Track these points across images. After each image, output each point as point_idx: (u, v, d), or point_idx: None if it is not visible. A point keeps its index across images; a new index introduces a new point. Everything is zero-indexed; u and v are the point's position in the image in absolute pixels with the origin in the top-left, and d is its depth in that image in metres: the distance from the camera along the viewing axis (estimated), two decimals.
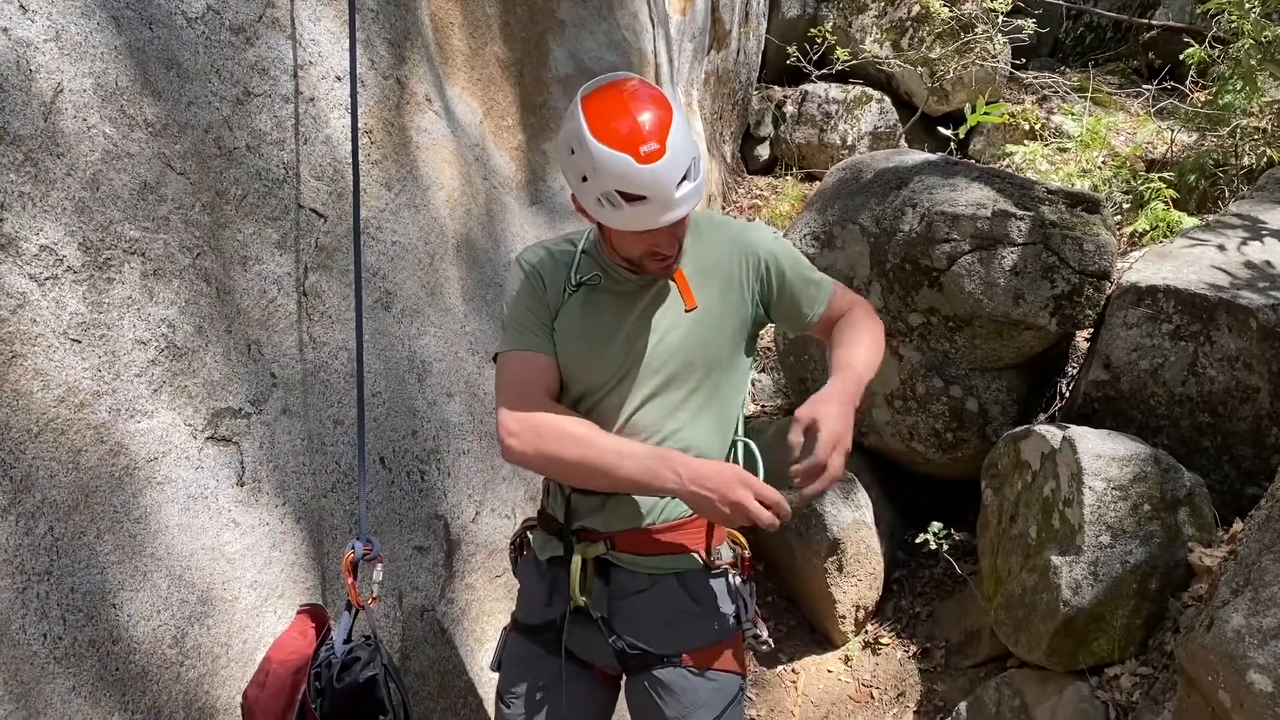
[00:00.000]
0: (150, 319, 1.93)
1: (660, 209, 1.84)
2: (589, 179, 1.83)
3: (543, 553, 2.20)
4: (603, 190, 1.82)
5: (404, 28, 2.78)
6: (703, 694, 2.12)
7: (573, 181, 1.90)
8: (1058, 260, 3.79)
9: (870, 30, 8.39)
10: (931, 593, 4.29)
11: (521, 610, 2.27)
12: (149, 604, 1.89)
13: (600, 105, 1.83)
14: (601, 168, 1.80)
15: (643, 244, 1.94)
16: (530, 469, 2.08)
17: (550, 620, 2.17)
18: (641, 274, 2.05)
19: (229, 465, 2.10)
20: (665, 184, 1.81)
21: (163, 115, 1.99)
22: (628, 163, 1.78)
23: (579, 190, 1.90)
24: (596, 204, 1.86)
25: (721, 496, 1.88)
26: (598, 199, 1.85)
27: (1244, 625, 2.51)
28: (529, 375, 2.04)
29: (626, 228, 1.89)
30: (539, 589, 2.20)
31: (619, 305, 2.07)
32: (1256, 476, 3.37)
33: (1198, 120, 6.81)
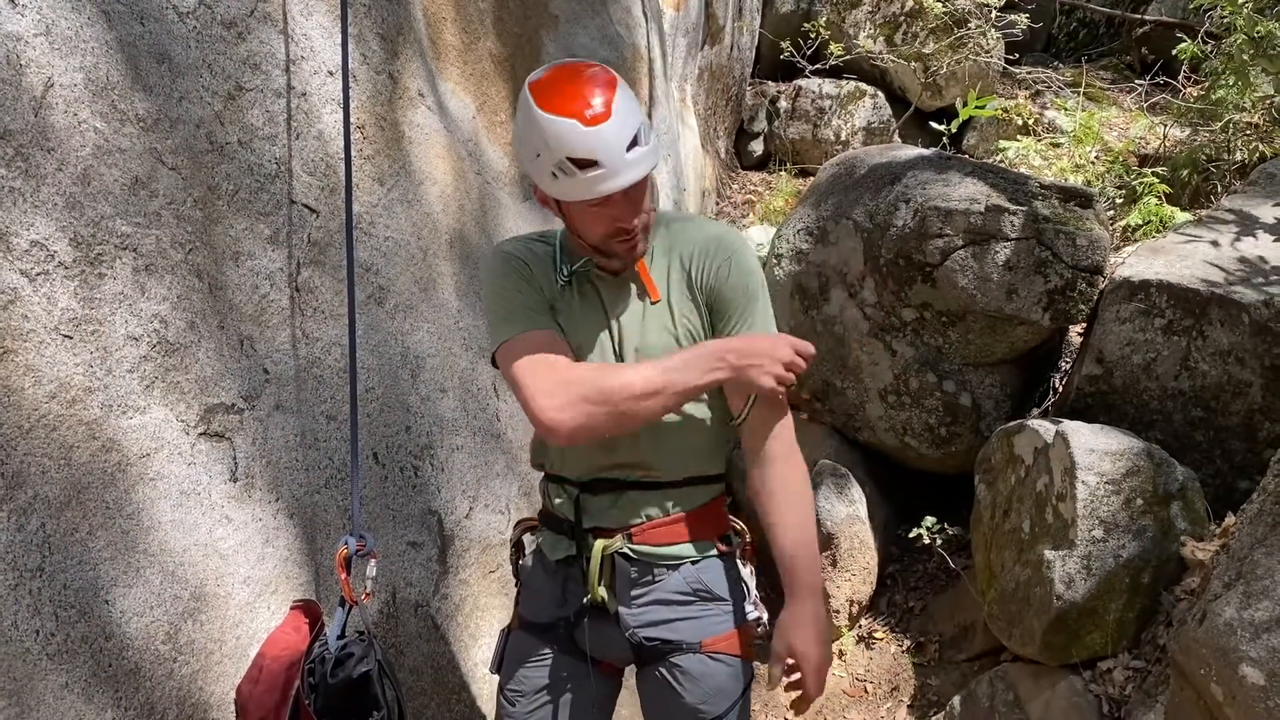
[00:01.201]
0: (142, 315, 1.93)
1: (612, 174, 1.85)
2: (541, 154, 1.85)
3: (554, 553, 2.16)
4: (555, 161, 1.83)
5: (397, 22, 2.77)
6: (722, 679, 2.13)
7: (529, 166, 1.92)
8: (1051, 255, 3.79)
9: (864, 25, 8.39)
10: (925, 587, 4.30)
11: (528, 609, 2.23)
12: (142, 600, 1.88)
13: (544, 82, 1.87)
14: (550, 136, 1.81)
15: (605, 221, 1.93)
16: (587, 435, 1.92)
17: (562, 618, 2.14)
18: (610, 262, 2.03)
19: (222, 461, 2.10)
20: (614, 146, 1.83)
21: (154, 110, 1.98)
22: (573, 126, 1.81)
23: (534, 171, 1.90)
24: (551, 179, 1.86)
25: (774, 360, 1.92)
26: (552, 173, 1.85)
27: (1236, 618, 2.52)
28: (543, 349, 1.96)
29: (582, 197, 1.88)
30: (549, 588, 2.17)
31: (596, 302, 2.07)
32: (1248, 470, 3.38)
33: (1190, 115, 6.83)
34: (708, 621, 2.14)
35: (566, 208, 1.95)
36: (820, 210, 4.55)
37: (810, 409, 4.70)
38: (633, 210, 1.94)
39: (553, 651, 2.17)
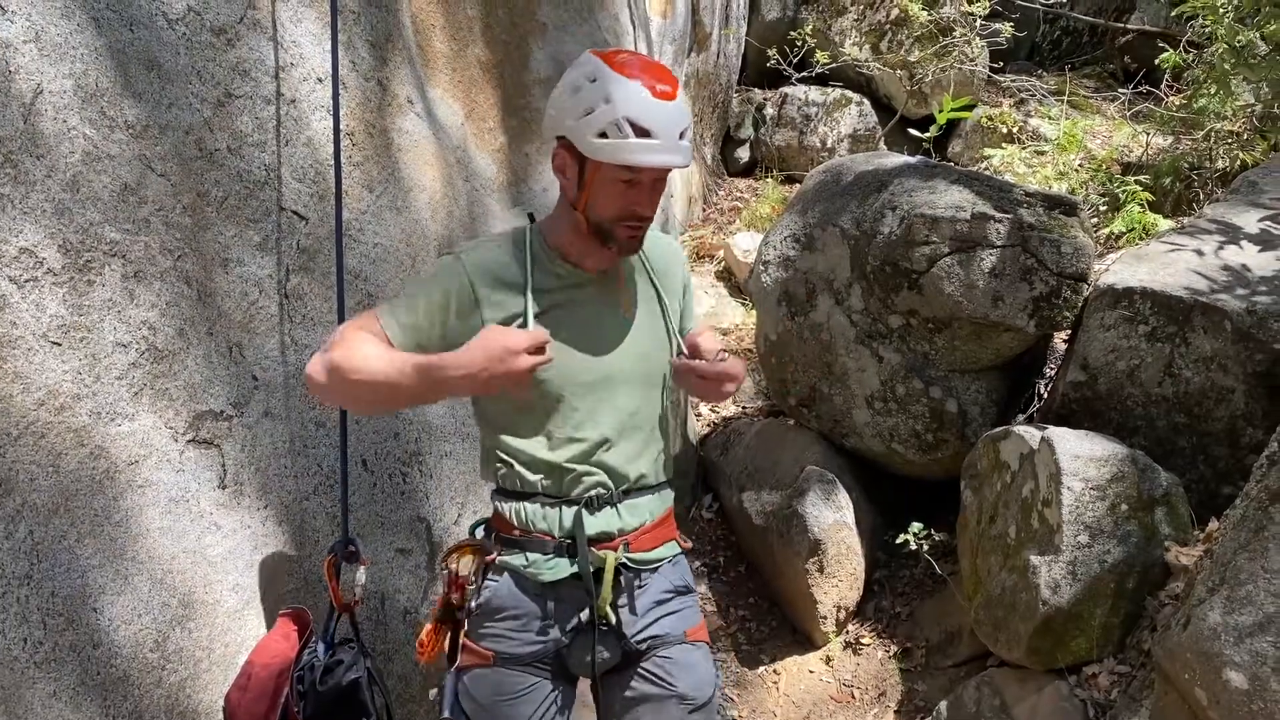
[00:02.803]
0: (131, 321, 1.92)
1: (663, 150, 1.88)
2: (595, 111, 1.86)
3: (548, 574, 2.07)
4: (610, 119, 1.84)
5: (386, 30, 2.78)
6: (705, 665, 2.20)
7: (569, 124, 1.90)
8: (1036, 262, 3.82)
9: (849, 33, 8.43)
10: (912, 593, 4.32)
11: (503, 642, 2.08)
12: (130, 608, 1.88)
13: (614, 53, 1.93)
14: (617, 96, 1.84)
15: (624, 202, 1.95)
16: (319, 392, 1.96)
17: (549, 642, 2.08)
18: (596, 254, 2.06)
19: (210, 468, 2.09)
20: (672, 126, 1.88)
21: (143, 117, 1.98)
22: (643, 93, 1.85)
23: (575, 130, 1.89)
24: (596, 138, 1.87)
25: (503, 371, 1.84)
26: (602, 131, 1.86)
27: (1220, 623, 2.54)
28: (374, 339, 1.94)
29: (626, 159, 1.88)
30: (531, 614, 2.08)
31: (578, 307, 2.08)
32: (1231, 476, 3.41)
33: (1173, 124, 6.89)
34: (686, 614, 2.22)
35: (590, 178, 1.94)
36: (807, 217, 4.57)
37: (797, 415, 4.71)
38: (653, 201, 1.99)
39: (539, 680, 2.08)
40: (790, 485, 4.39)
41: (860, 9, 8.45)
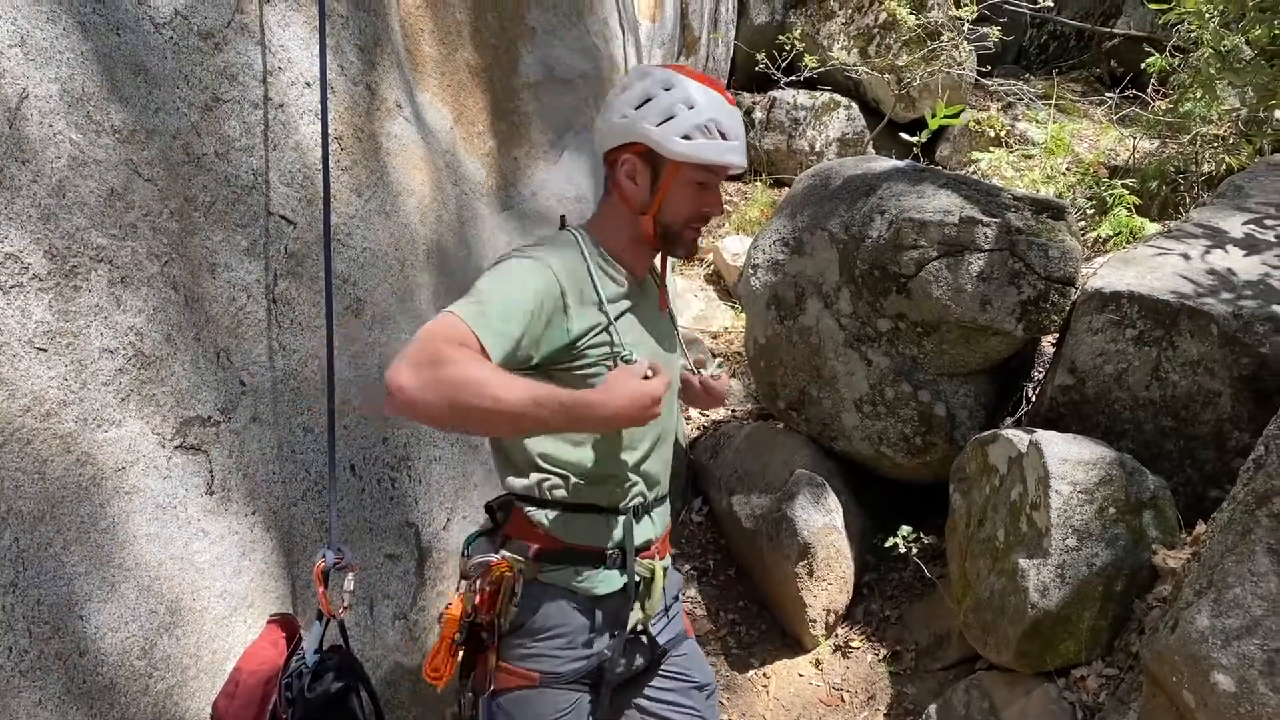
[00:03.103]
0: (118, 327, 1.91)
1: (739, 152, 2.02)
2: (678, 116, 1.96)
3: (601, 587, 2.04)
4: (698, 122, 1.96)
5: (374, 34, 2.77)
6: (702, 654, 2.35)
7: (647, 129, 1.97)
8: (1024, 266, 3.83)
9: (838, 37, 8.45)
10: (901, 596, 4.32)
11: (548, 660, 2.02)
12: (117, 615, 1.87)
13: (676, 66, 2.04)
14: (700, 102, 1.97)
15: (699, 203, 2.05)
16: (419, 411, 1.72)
17: (589, 660, 2.05)
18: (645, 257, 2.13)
19: (198, 474, 2.08)
20: (742, 130, 2.04)
21: (130, 121, 1.97)
22: (720, 99, 2.00)
23: (660, 132, 1.96)
24: (682, 140, 1.95)
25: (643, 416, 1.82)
26: (686, 134, 1.95)
27: (1208, 626, 2.55)
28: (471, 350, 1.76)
29: (714, 159, 1.98)
30: (578, 630, 2.05)
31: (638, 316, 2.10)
32: (1218, 479, 3.42)
33: (1159, 128, 6.92)
34: (680, 613, 2.32)
35: (667, 181, 2.01)
36: (796, 221, 4.57)
37: (786, 418, 4.71)
38: (721, 201, 2.10)
39: (580, 695, 2.05)
40: (779, 489, 4.39)
41: (848, 13, 8.47)
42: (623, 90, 2.03)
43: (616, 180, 2.05)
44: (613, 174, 2.06)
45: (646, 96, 1.98)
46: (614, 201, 2.08)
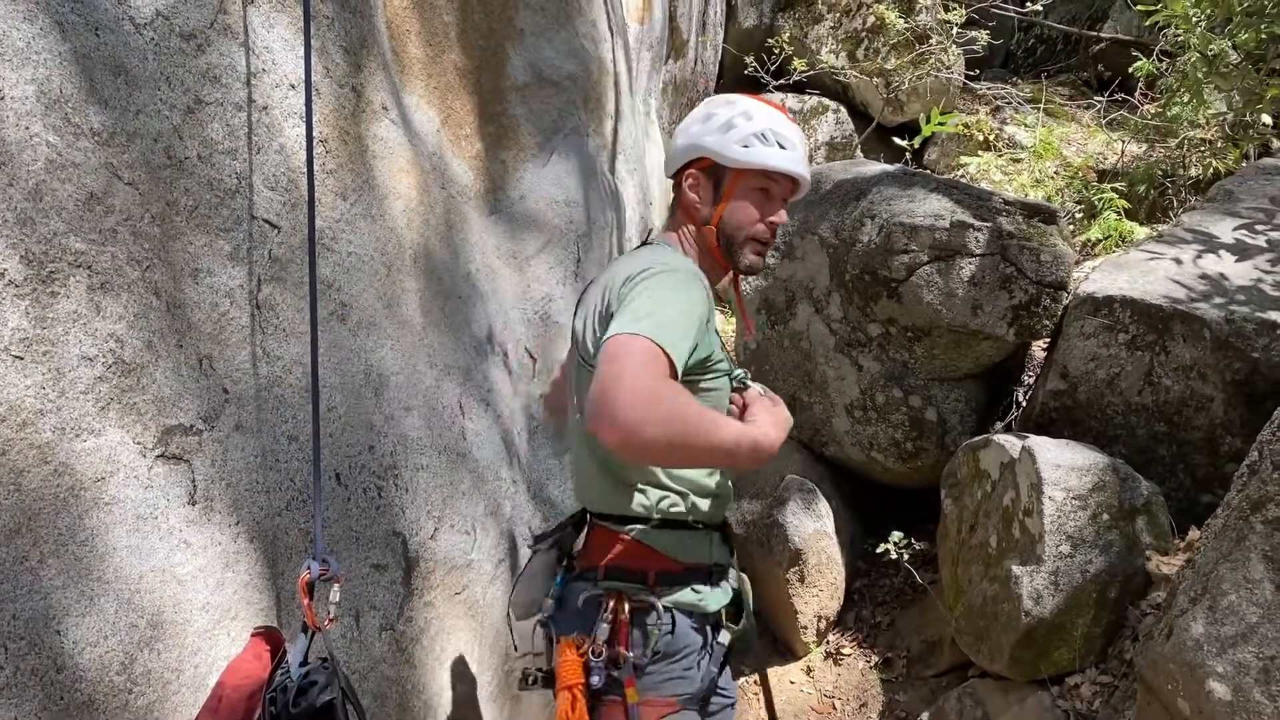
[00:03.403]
0: (97, 334, 1.87)
1: (799, 162, 2.07)
2: (737, 126, 2.03)
3: (714, 603, 2.06)
4: (755, 130, 2.02)
5: (360, 35, 2.73)
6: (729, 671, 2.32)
7: (708, 140, 2.04)
8: (1015, 271, 3.82)
9: (826, 41, 8.44)
10: (892, 602, 4.30)
11: (684, 684, 2.02)
12: (95, 629, 1.82)
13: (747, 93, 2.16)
14: (756, 113, 2.04)
15: (761, 212, 2.07)
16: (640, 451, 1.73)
17: (706, 675, 2.07)
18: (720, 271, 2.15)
19: (180, 484, 2.03)
20: (802, 144, 2.09)
21: (110, 124, 1.93)
22: (777, 113, 2.08)
23: (721, 142, 2.03)
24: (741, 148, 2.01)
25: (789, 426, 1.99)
26: (749, 138, 2.02)
27: (1203, 634, 2.54)
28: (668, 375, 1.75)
29: (772, 165, 2.04)
30: (697, 647, 2.05)
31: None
32: (1211, 485, 3.41)
33: (1147, 131, 6.94)
34: None
35: (729, 189, 2.05)
36: (786, 225, 4.55)
37: None
38: (785, 215, 2.13)
39: (696, 711, 2.07)
40: (770, 494, 4.36)
41: (837, 16, 8.46)
42: (687, 119, 2.13)
43: (682, 196, 2.10)
44: (679, 194, 2.12)
45: (708, 115, 2.08)
46: (679, 219, 2.14)
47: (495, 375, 3.22)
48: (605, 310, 1.94)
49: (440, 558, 2.79)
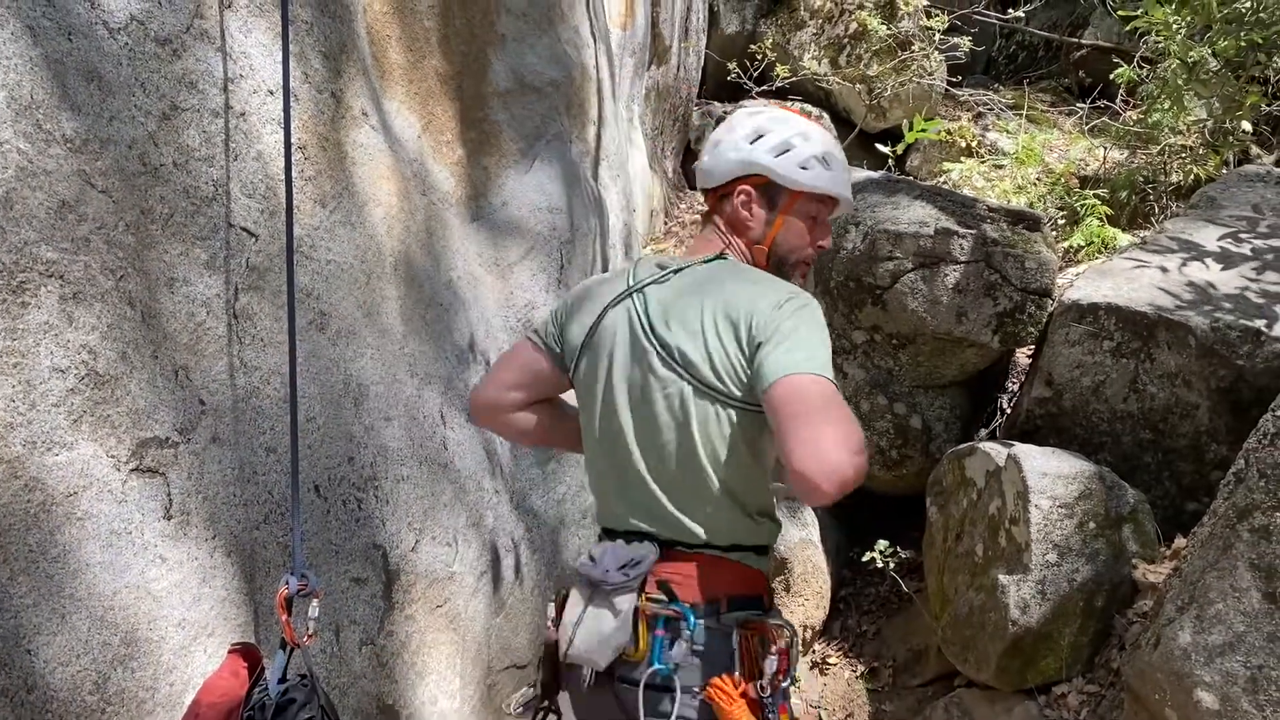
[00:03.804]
0: (69, 345, 1.83)
1: (849, 186, 2.09)
2: (796, 147, 1.99)
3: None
4: (814, 153, 1.99)
5: (339, 41, 2.70)
6: None
7: (766, 160, 1.98)
8: (1000, 278, 3.81)
9: (809, 47, 8.45)
10: (878, 611, 4.29)
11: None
12: (68, 648, 1.78)
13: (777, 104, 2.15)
14: (813, 135, 2.02)
15: (812, 235, 2.06)
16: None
17: None
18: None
19: (155, 498, 1.99)
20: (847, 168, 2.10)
21: (83, 130, 1.89)
22: (829, 136, 2.07)
23: (781, 163, 1.98)
24: (801, 170, 1.98)
25: None
26: (808, 161, 1.99)
27: (1190, 643, 2.52)
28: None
29: (829, 189, 2.03)
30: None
31: None
32: (1196, 492, 3.41)
33: (1128, 138, 6.96)
34: None
35: (784, 211, 2.02)
36: None
37: None
38: (830, 239, 2.12)
39: None
40: None
41: (819, 23, 8.47)
42: (731, 129, 2.06)
43: (732, 212, 2.04)
44: (723, 206, 2.06)
45: (760, 131, 2.02)
46: (723, 234, 2.06)
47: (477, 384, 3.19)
48: (749, 338, 1.82)
49: (421, 570, 2.76)
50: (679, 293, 1.96)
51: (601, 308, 2.02)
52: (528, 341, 2.16)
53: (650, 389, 1.91)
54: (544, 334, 2.13)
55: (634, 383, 1.94)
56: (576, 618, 1.89)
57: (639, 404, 1.94)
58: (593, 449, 2.06)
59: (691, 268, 2.00)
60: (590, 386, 2.02)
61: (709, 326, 1.87)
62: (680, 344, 1.89)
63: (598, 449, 2.04)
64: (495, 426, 2.30)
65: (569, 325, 2.08)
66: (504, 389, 2.15)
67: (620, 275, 2.10)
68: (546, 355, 2.11)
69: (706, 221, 2.13)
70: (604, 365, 1.99)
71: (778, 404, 1.72)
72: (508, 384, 2.15)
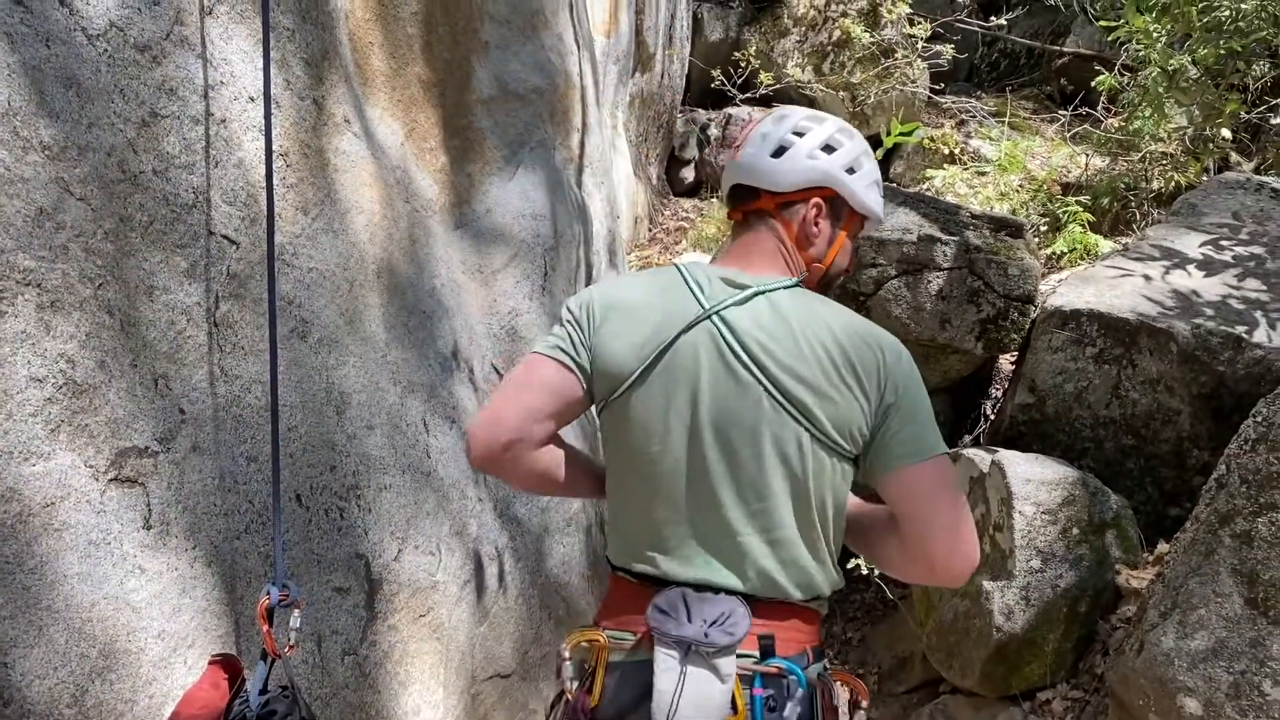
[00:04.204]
0: (47, 354, 1.81)
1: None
2: (864, 167, 1.91)
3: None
4: (876, 175, 1.93)
5: (321, 47, 2.68)
6: None
7: (842, 175, 1.89)
8: (983, 285, 3.82)
9: (792, 55, 8.48)
10: (863, 618, 4.29)
11: None
12: (44, 661, 1.76)
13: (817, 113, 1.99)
14: (871, 153, 1.93)
15: (854, 256, 2.00)
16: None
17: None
18: None
19: (134, 508, 1.97)
20: None
21: (61, 137, 1.87)
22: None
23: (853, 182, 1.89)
24: (866, 189, 1.91)
25: None
26: (874, 183, 1.93)
27: (1173, 648, 2.53)
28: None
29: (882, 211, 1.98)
30: None
31: None
32: (1179, 498, 3.43)
33: (1109, 145, 7.00)
34: None
35: (845, 230, 1.93)
36: None
37: None
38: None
39: None
40: None
41: (802, 31, 8.50)
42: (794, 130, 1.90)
43: (802, 224, 1.88)
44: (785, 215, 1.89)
45: (832, 144, 1.89)
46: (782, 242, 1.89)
47: (461, 392, 3.17)
48: (879, 398, 1.72)
49: (404, 579, 2.74)
50: (774, 322, 1.76)
51: (669, 328, 1.78)
52: (549, 360, 1.83)
53: (760, 435, 1.72)
54: (570, 351, 1.83)
55: (736, 425, 1.73)
56: (675, 685, 1.66)
57: (744, 450, 1.73)
58: (644, 492, 1.81)
59: (774, 292, 1.80)
60: (653, 424, 1.78)
61: (826, 371, 1.71)
62: (792, 387, 1.71)
63: (656, 493, 1.79)
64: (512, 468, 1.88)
65: (608, 345, 1.81)
66: (532, 418, 1.82)
67: (676, 287, 1.84)
68: (577, 377, 1.82)
69: (754, 225, 1.92)
70: (683, 401, 1.76)
71: (914, 488, 1.70)
72: (538, 411, 1.82)
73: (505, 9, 3.81)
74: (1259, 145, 6.80)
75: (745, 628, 1.69)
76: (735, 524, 1.74)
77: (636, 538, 1.83)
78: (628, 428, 1.80)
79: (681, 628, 1.68)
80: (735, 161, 1.94)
